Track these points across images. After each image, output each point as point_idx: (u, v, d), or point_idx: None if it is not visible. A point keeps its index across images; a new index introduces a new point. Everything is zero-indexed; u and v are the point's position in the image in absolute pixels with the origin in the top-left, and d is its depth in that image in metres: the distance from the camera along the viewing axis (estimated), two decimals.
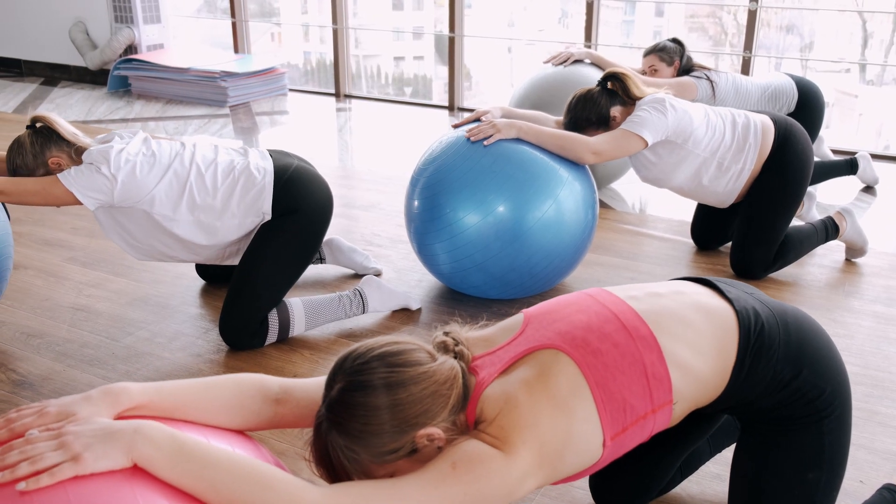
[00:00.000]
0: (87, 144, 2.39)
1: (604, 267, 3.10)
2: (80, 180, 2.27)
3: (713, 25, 7.67)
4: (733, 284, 1.53)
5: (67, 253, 3.27)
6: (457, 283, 2.76)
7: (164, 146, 2.43)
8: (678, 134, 2.77)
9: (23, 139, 2.35)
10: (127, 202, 2.34)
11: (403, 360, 1.23)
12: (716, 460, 1.90)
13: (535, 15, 8.55)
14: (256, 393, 1.31)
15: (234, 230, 2.45)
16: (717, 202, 3.02)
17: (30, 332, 2.62)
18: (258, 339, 2.47)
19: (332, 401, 1.22)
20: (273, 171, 2.46)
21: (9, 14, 7.17)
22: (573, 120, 2.80)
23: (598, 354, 1.31)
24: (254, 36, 6.85)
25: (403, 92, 7.69)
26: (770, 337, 1.41)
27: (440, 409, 1.22)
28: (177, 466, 1.08)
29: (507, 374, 1.30)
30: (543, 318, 1.40)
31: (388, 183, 4.16)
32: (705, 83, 3.64)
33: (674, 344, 1.35)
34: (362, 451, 1.19)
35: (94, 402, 1.15)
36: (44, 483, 1.00)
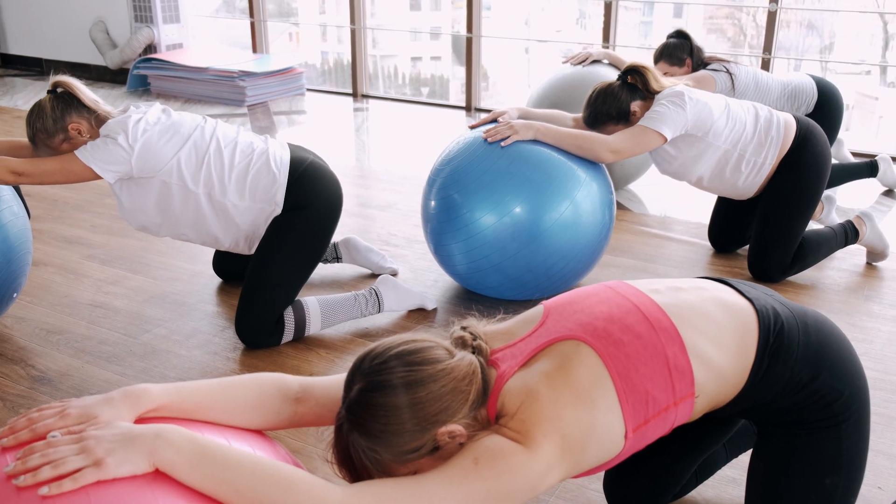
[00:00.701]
0: (108, 112, 2.40)
1: (620, 269, 3.09)
2: (97, 154, 2.28)
3: (732, 26, 7.63)
4: (753, 286, 1.52)
5: (86, 250, 3.30)
6: (473, 283, 2.76)
7: (185, 117, 2.44)
8: (698, 127, 2.75)
9: (43, 103, 2.35)
10: (146, 172, 2.34)
11: (421, 357, 1.23)
12: (732, 465, 1.89)
13: (552, 15, 8.54)
14: (276, 392, 1.31)
15: (244, 214, 2.44)
16: (736, 195, 3.00)
17: (49, 328, 2.64)
18: (274, 338, 2.48)
19: (351, 402, 1.21)
20: (289, 162, 2.47)
21: (30, 14, 7.24)
22: (593, 114, 2.79)
23: (620, 345, 1.30)
24: (272, 36, 6.88)
25: (420, 92, 7.70)
26: (789, 337, 1.40)
27: (460, 406, 1.22)
28: (198, 470, 1.08)
29: (527, 367, 1.29)
30: (564, 309, 1.39)
31: (404, 183, 4.16)
32: (724, 76, 3.57)
33: (696, 337, 1.34)
34: (384, 451, 1.19)
35: (115, 404, 1.15)
36: (66, 488, 1.00)
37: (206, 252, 3.23)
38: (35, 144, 2.39)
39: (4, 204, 2.45)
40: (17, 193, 2.57)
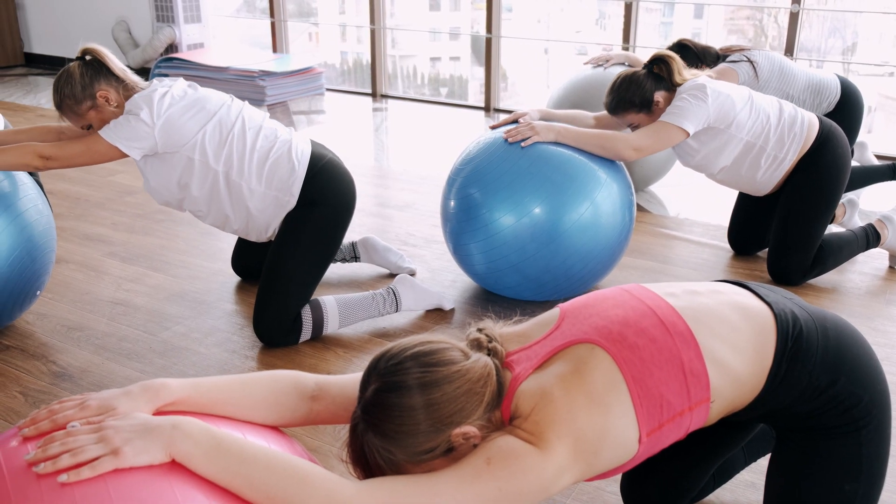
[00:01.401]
0: (136, 82, 2.40)
1: (639, 270, 3.07)
2: (121, 132, 2.29)
3: (752, 27, 7.58)
4: (772, 289, 1.51)
5: (107, 248, 3.32)
6: (491, 283, 2.76)
7: (211, 93, 2.44)
8: (720, 119, 2.73)
9: (72, 69, 2.35)
10: (170, 147, 2.35)
11: (437, 359, 1.23)
12: (751, 469, 1.88)
13: (571, 16, 8.51)
14: (292, 390, 1.32)
15: (258, 199, 2.45)
16: (753, 190, 2.97)
17: (70, 324, 2.67)
18: (292, 337, 2.49)
19: (367, 402, 1.22)
20: (310, 156, 2.48)
21: (53, 13, 7.31)
22: (615, 100, 2.76)
23: (635, 349, 1.29)
24: (292, 35, 6.91)
25: (439, 92, 7.70)
26: (808, 342, 1.39)
27: (475, 407, 1.22)
28: (213, 462, 1.09)
29: (542, 370, 1.29)
30: (579, 312, 1.38)
31: (422, 183, 4.17)
32: (745, 66, 3.46)
33: (712, 341, 1.34)
34: (398, 451, 1.19)
35: (133, 396, 1.17)
36: (84, 476, 1.02)
37: (226, 250, 3.25)
38: (61, 110, 2.38)
39: (30, 202, 2.48)
40: (40, 191, 2.60)
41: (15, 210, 2.40)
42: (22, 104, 6.09)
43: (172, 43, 6.61)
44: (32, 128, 2.54)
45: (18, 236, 2.40)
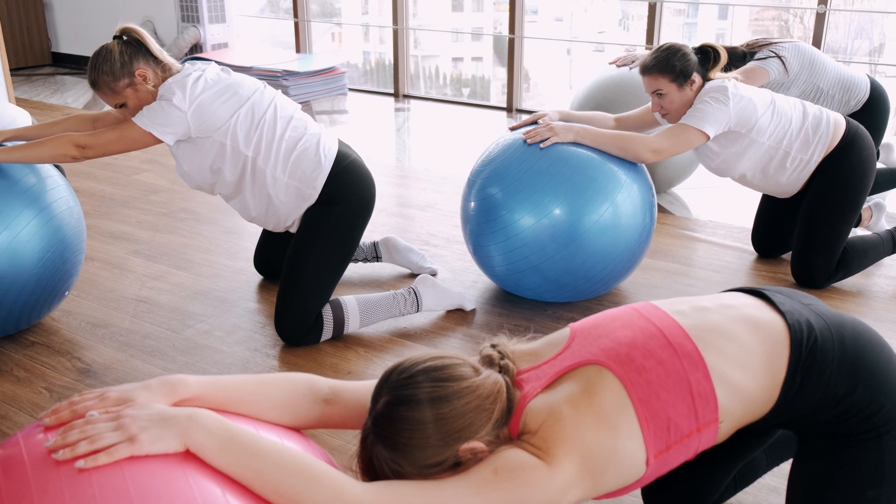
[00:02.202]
0: (173, 63, 2.42)
1: (660, 272, 3.06)
2: (154, 118, 2.30)
3: (778, 28, 7.51)
4: (790, 295, 1.49)
5: (132, 246, 3.36)
6: (511, 285, 2.76)
7: (244, 78, 2.45)
8: (741, 123, 2.71)
9: (111, 47, 2.35)
10: (202, 132, 2.36)
11: (448, 374, 1.25)
12: (773, 473, 1.87)
13: (594, 17, 8.48)
14: (307, 392, 1.34)
15: (280, 189, 2.46)
16: (779, 192, 2.95)
17: (95, 321, 2.70)
18: (313, 336, 2.51)
19: (377, 414, 1.24)
20: (336, 154, 2.49)
21: (80, 13, 7.39)
22: (656, 60, 2.70)
23: (642, 371, 1.30)
24: (315, 35, 6.94)
25: (461, 93, 7.71)
26: (823, 351, 1.37)
27: (484, 423, 1.23)
28: (226, 454, 1.11)
29: (551, 389, 1.30)
30: (589, 333, 1.39)
31: (444, 183, 4.17)
32: (774, 62, 3.38)
33: (720, 361, 1.33)
34: (406, 463, 1.21)
35: (152, 390, 1.20)
36: (101, 462, 1.05)
37: (248, 249, 3.27)
38: (97, 87, 2.37)
39: (64, 204, 2.51)
40: (72, 191, 2.63)
41: (49, 212, 2.43)
42: (49, 103, 6.16)
43: (197, 43, 6.66)
44: (67, 118, 2.57)
45: (52, 238, 2.43)
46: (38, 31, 7.53)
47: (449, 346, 2.54)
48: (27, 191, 2.40)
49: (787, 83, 3.46)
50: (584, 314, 2.72)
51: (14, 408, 2.21)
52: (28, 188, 2.40)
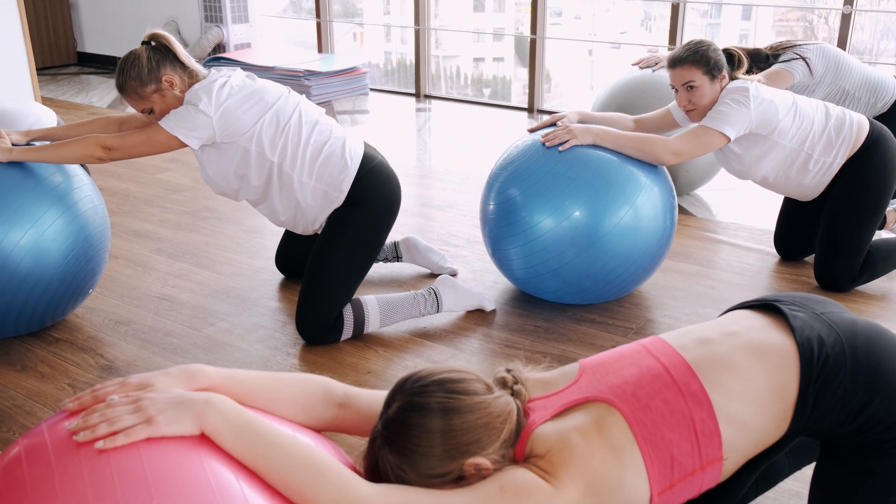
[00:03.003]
0: (199, 70, 2.44)
1: (681, 274, 3.04)
2: (180, 122, 2.33)
3: (802, 29, 7.45)
4: (802, 303, 1.48)
5: (155, 244, 3.39)
6: (531, 288, 2.75)
7: (269, 84, 2.47)
8: (762, 126, 2.69)
9: (139, 52, 2.38)
10: (227, 137, 2.38)
11: (462, 388, 1.27)
12: (795, 477, 1.85)
13: (616, 17, 8.45)
14: (322, 394, 1.36)
15: (308, 193, 2.47)
16: (801, 195, 2.93)
17: (118, 319, 2.73)
18: (334, 335, 2.52)
19: (388, 418, 1.26)
20: (362, 156, 2.50)
21: (105, 13, 7.47)
22: (689, 52, 2.67)
23: (647, 411, 1.31)
24: (337, 35, 6.96)
25: (482, 93, 7.70)
26: (835, 367, 1.36)
27: (491, 441, 1.25)
28: (240, 440, 1.14)
29: (559, 419, 1.32)
30: (598, 369, 1.41)
31: (465, 183, 4.17)
32: (799, 64, 3.35)
33: (726, 400, 1.34)
34: (411, 470, 1.23)
35: (171, 376, 1.23)
36: (119, 443, 1.08)
37: (270, 248, 3.29)
38: (124, 92, 2.40)
39: (90, 203, 2.54)
40: (98, 190, 2.66)
41: (74, 210, 2.46)
42: (74, 102, 6.22)
43: (220, 43, 6.70)
44: (94, 120, 2.60)
45: (77, 236, 2.46)
46: (63, 30, 7.62)
47: (468, 346, 2.54)
48: (53, 189, 2.43)
49: (811, 85, 3.43)
50: (605, 315, 2.72)
51: (38, 403, 2.24)
52: (54, 187, 2.43)
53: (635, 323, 2.68)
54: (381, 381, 2.34)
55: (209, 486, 1.06)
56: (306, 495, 1.13)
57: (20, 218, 2.34)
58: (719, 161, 2.93)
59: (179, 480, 1.04)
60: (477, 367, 2.42)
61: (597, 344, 2.54)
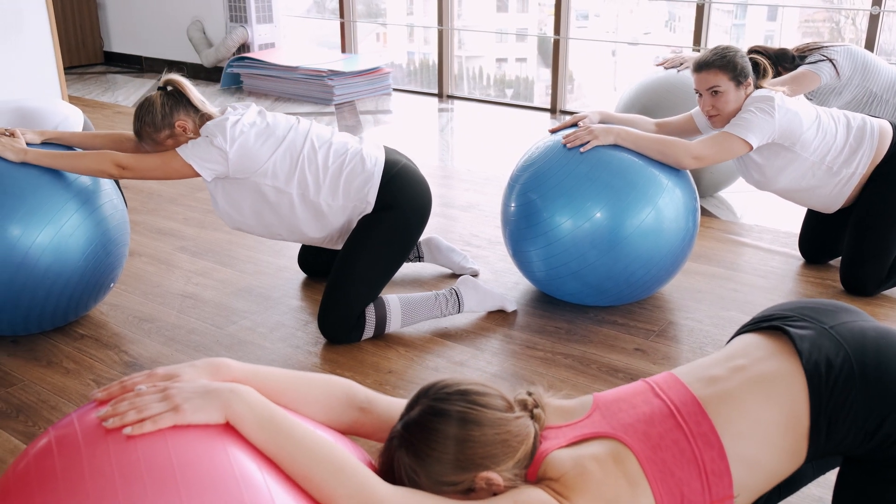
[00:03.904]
0: (213, 113, 2.47)
1: (704, 276, 3.02)
2: (197, 151, 2.35)
3: (829, 30, 7.37)
4: (811, 317, 1.47)
5: (178, 242, 3.41)
6: (552, 289, 2.74)
7: (279, 119, 2.49)
8: (785, 136, 2.67)
9: (154, 99, 2.43)
10: (240, 173, 2.41)
11: (484, 401, 1.28)
12: (818, 483, 1.83)
13: (640, 18, 8.41)
14: (343, 395, 1.37)
15: (337, 213, 2.50)
16: (822, 207, 2.90)
17: (142, 316, 2.75)
18: (355, 334, 2.52)
19: (409, 420, 1.28)
20: (384, 162, 2.51)
21: (131, 13, 7.54)
22: (715, 57, 2.66)
23: (658, 449, 1.33)
24: (360, 36, 6.98)
25: (505, 94, 7.70)
26: (845, 389, 1.35)
27: (506, 458, 1.26)
28: (263, 430, 1.16)
29: (573, 447, 1.33)
30: (611, 405, 1.42)
31: (487, 184, 4.17)
32: (826, 66, 3.32)
33: (735, 440, 1.35)
34: (423, 474, 1.24)
35: (197, 368, 1.26)
36: (146, 429, 1.11)
37: (292, 247, 3.31)
38: (140, 137, 2.47)
39: (106, 197, 2.57)
40: (115, 185, 2.69)
41: (92, 205, 2.49)
42: (101, 101, 6.29)
43: (245, 42, 6.75)
44: (112, 133, 2.62)
45: (94, 230, 2.48)
46: (91, 30, 7.70)
47: (489, 347, 2.54)
48: (69, 185, 2.45)
49: (838, 87, 3.39)
50: (626, 317, 2.70)
51: (63, 399, 2.26)
52: (70, 182, 2.46)
53: (657, 325, 2.67)
54: (402, 380, 2.35)
55: (232, 475, 1.08)
56: (325, 490, 1.14)
57: (38, 215, 2.36)
58: (739, 170, 2.92)
59: (204, 468, 1.07)
60: (497, 367, 2.42)
61: (618, 346, 2.53)
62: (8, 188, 2.35)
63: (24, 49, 4.76)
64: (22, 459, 1.15)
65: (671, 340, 2.58)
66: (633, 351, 2.51)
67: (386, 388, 2.30)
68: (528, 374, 2.38)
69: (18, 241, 2.34)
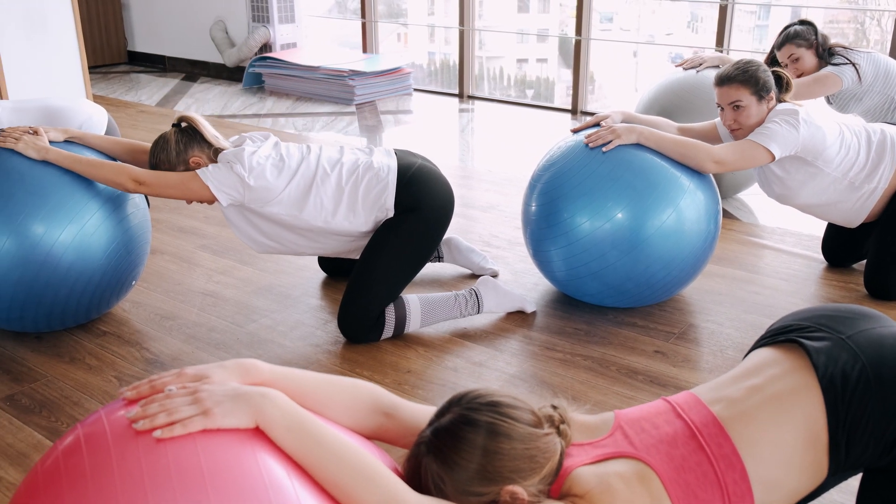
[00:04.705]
0: (226, 147, 2.49)
1: (725, 279, 3.00)
2: (216, 176, 2.38)
3: (854, 31, 7.30)
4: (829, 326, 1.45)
5: (200, 240, 3.44)
6: (572, 290, 2.74)
7: (292, 150, 2.51)
8: (808, 151, 2.65)
9: (168, 136, 2.47)
10: (256, 203, 2.43)
11: (515, 415, 1.28)
12: (840, 489, 1.82)
13: (662, 18, 8.37)
14: (369, 400, 1.38)
15: (360, 226, 2.52)
16: (844, 222, 2.89)
17: (163, 313, 2.77)
18: (374, 334, 2.53)
19: (439, 427, 1.27)
20: (397, 169, 2.52)
21: (155, 14, 7.60)
22: (737, 71, 2.65)
23: (681, 471, 1.33)
24: (381, 36, 7.00)
25: (525, 94, 7.68)
26: (862, 402, 1.34)
27: (531, 474, 1.25)
28: (293, 436, 1.15)
29: (596, 465, 1.33)
30: (634, 424, 1.42)
31: (507, 184, 4.17)
32: (848, 69, 3.35)
33: (756, 461, 1.34)
34: (449, 481, 1.23)
35: (227, 369, 1.26)
36: (176, 433, 1.11)
37: None
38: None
39: (128, 196, 2.59)
40: None
41: (114, 204, 2.51)
42: (124, 100, 6.35)
43: (267, 42, 6.78)
44: (133, 143, 2.63)
45: (116, 229, 2.51)
46: (115, 30, 7.77)
47: (508, 347, 2.53)
48: (92, 184, 2.48)
49: (859, 93, 3.38)
50: (646, 319, 2.69)
51: (86, 395, 2.29)
52: (93, 182, 2.48)
53: (677, 327, 2.65)
54: (421, 380, 2.35)
55: (262, 481, 1.08)
56: (354, 497, 1.14)
57: (61, 213, 2.39)
58: (760, 184, 2.90)
59: (233, 473, 1.07)
60: (516, 368, 2.42)
61: (638, 348, 2.52)
62: (31, 187, 2.38)
63: (50, 48, 4.81)
64: (50, 455, 1.15)
65: (691, 343, 2.56)
66: (653, 353, 2.50)
67: (405, 388, 2.31)
68: (547, 375, 2.38)
69: (41, 239, 2.36)
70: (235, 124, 5.53)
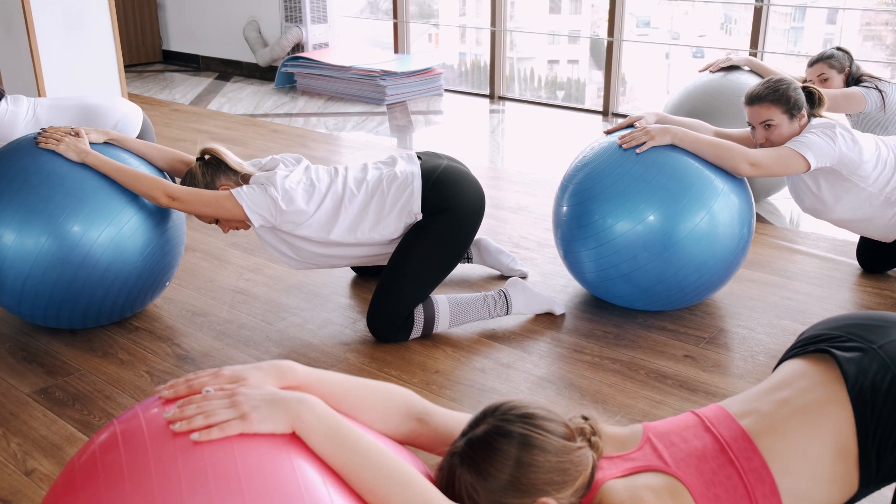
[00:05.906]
0: (251, 172, 2.52)
1: (757, 284, 2.97)
2: (251, 197, 2.40)
3: (891, 33, 7.18)
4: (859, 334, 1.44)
5: (231, 238, 3.47)
6: (601, 292, 2.72)
7: (321, 174, 2.53)
8: (844, 165, 2.62)
9: (195, 170, 2.50)
10: (287, 226, 2.45)
11: (549, 427, 1.28)
12: (872, 499, 1.79)
13: (696, 20, 8.30)
14: (403, 405, 1.38)
15: (389, 234, 2.53)
16: (880, 237, 2.85)
17: (194, 310, 2.80)
18: (403, 334, 2.54)
19: (473, 437, 1.27)
20: (421, 174, 2.52)
21: (189, 13, 7.68)
22: (768, 90, 2.63)
23: (711, 486, 1.32)
24: (413, 36, 7.01)
25: (556, 95, 7.66)
26: (893, 412, 1.32)
27: (565, 486, 1.25)
28: (330, 442, 1.15)
29: (626, 478, 1.33)
30: (662, 438, 1.41)
31: (537, 186, 4.16)
32: (875, 94, 3.38)
33: (786, 475, 1.33)
34: (483, 492, 1.23)
35: (263, 371, 1.25)
36: (214, 436, 1.11)
37: None
38: None
39: None
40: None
41: (151, 208, 2.54)
42: (158, 98, 6.42)
43: (299, 42, 6.83)
44: (171, 151, 2.66)
45: (153, 231, 2.54)
46: (150, 30, 7.87)
47: (536, 349, 2.53)
48: None
49: (883, 121, 3.40)
50: (676, 323, 2.67)
51: (118, 389, 2.32)
52: None
53: (708, 332, 2.63)
54: (449, 380, 2.36)
55: (297, 487, 1.08)
56: None
57: (99, 215, 2.42)
58: (794, 197, 2.88)
59: (269, 479, 1.07)
60: (544, 370, 2.41)
61: (667, 352, 2.50)
62: (71, 189, 2.41)
63: (87, 47, 4.88)
64: (87, 449, 1.16)
65: (722, 348, 2.54)
66: (683, 357, 2.48)
67: (432, 388, 2.31)
68: (575, 377, 2.37)
69: (80, 240, 2.40)
70: (267, 123, 5.58)
